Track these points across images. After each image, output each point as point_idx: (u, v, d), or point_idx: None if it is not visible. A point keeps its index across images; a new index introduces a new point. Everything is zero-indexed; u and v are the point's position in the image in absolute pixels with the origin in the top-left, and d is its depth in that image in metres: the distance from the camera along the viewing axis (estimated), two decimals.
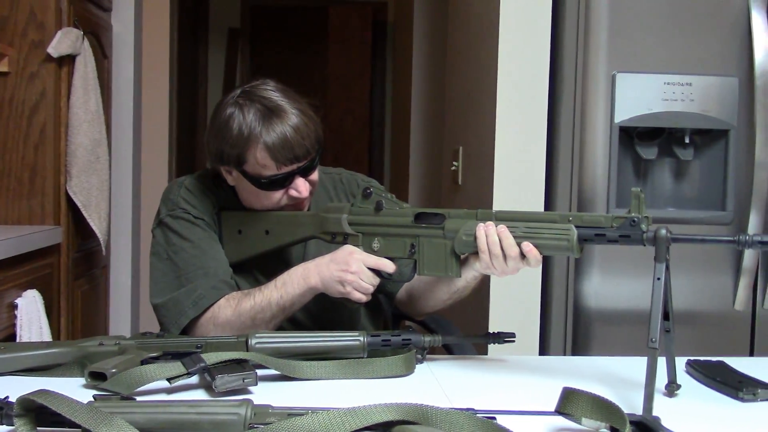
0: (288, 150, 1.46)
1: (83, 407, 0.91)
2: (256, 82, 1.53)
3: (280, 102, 1.49)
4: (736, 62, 2.00)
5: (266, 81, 1.54)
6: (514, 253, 1.28)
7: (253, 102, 1.48)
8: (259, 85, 1.52)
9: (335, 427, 0.91)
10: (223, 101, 1.53)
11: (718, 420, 1.14)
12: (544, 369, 1.41)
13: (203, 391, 1.20)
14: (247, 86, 1.53)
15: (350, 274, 1.39)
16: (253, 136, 1.46)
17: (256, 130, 1.46)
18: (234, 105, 1.49)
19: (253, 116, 1.47)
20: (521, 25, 2.09)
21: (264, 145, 1.45)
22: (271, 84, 1.53)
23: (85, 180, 2.74)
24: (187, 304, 1.47)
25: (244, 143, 1.47)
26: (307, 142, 1.48)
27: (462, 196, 2.54)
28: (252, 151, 1.47)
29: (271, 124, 1.46)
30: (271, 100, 1.48)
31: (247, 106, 1.48)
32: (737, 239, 1.13)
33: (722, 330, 2.03)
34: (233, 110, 1.49)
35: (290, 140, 1.46)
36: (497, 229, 1.29)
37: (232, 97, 1.51)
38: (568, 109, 2.06)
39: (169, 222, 1.55)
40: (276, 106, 1.48)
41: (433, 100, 3.53)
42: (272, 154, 1.46)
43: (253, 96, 1.49)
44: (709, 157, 2.04)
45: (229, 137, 1.48)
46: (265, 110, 1.47)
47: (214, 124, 1.52)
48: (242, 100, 1.49)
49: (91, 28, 2.93)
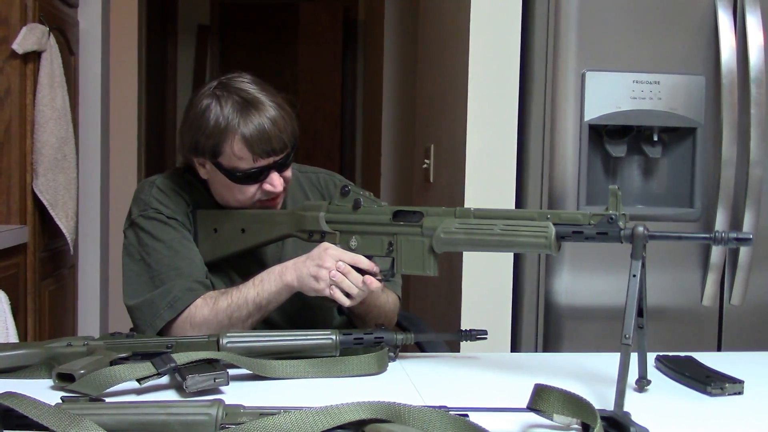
0: (265, 142, 1.45)
1: (51, 409, 0.90)
2: (232, 75, 1.52)
3: (258, 95, 1.48)
4: (703, 61, 2.02)
5: (242, 74, 1.53)
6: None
7: (230, 94, 1.47)
8: (236, 78, 1.51)
9: (307, 426, 0.90)
10: (199, 92, 1.52)
11: (687, 414, 1.16)
12: (515, 366, 1.42)
13: (174, 392, 1.19)
14: (224, 78, 1.52)
15: (324, 269, 1.38)
16: (231, 127, 1.45)
17: (234, 121, 1.45)
18: (211, 96, 1.48)
19: (230, 108, 1.46)
20: (492, 23, 2.09)
21: (241, 136, 1.45)
22: (247, 77, 1.52)
23: (51, 178, 2.70)
24: (162, 306, 1.45)
25: (220, 134, 1.45)
26: (284, 135, 1.48)
27: (433, 194, 2.55)
28: (229, 143, 1.45)
29: (248, 116, 1.45)
30: (248, 93, 1.48)
31: (225, 97, 1.47)
32: (713, 236, 1.14)
33: (690, 325, 2.06)
34: (210, 101, 1.48)
35: (268, 132, 1.45)
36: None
37: (209, 88, 1.50)
38: (539, 108, 2.07)
39: (141, 222, 1.53)
40: (253, 98, 1.47)
41: (404, 98, 3.54)
42: (249, 146, 1.45)
43: (230, 88, 1.48)
44: (677, 154, 2.07)
45: (206, 128, 1.47)
46: (242, 102, 1.46)
47: (189, 116, 1.51)
48: (219, 91, 1.48)
49: (56, 24, 2.88)
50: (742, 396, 1.24)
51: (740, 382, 1.26)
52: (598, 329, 2.01)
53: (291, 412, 0.91)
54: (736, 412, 1.17)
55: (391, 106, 3.74)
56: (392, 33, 3.69)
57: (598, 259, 2.01)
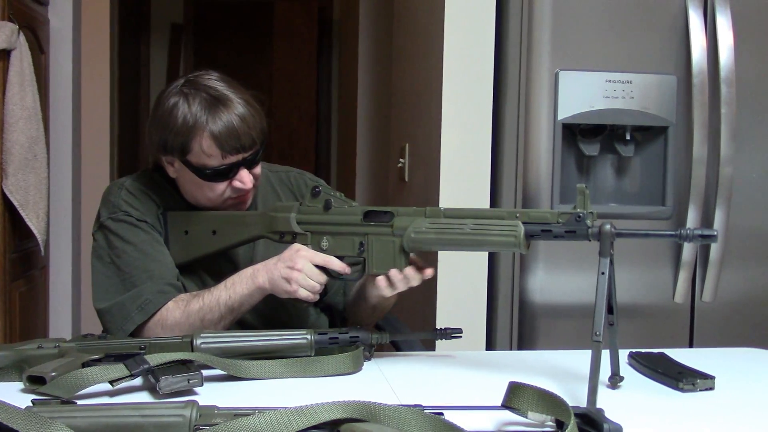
0: (234, 139, 1.45)
1: (21, 412, 0.89)
2: (199, 72, 1.52)
3: (226, 92, 1.47)
4: (675, 61, 2.05)
5: (209, 71, 1.52)
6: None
7: (198, 91, 1.46)
8: (203, 75, 1.50)
9: (282, 426, 0.90)
10: (166, 91, 1.50)
11: (660, 410, 1.17)
12: (490, 364, 1.43)
13: (147, 394, 1.18)
14: (191, 75, 1.51)
15: (296, 271, 1.38)
16: (199, 124, 1.44)
17: (202, 119, 1.44)
18: (178, 94, 1.47)
19: (198, 105, 1.45)
20: (466, 23, 2.10)
21: (210, 133, 1.44)
22: (214, 74, 1.51)
23: (22, 178, 2.67)
24: (133, 309, 1.44)
25: (188, 132, 1.45)
26: (253, 132, 1.47)
27: (409, 193, 2.55)
28: (197, 140, 1.45)
29: (217, 113, 1.44)
30: (216, 90, 1.47)
31: (192, 95, 1.46)
32: (679, 233, 1.16)
33: (663, 322, 2.08)
34: (177, 99, 1.46)
35: (236, 129, 1.44)
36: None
37: (176, 86, 1.49)
38: (513, 106, 2.09)
39: (111, 225, 1.51)
40: (221, 95, 1.46)
41: (379, 97, 3.54)
42: (218, 143, 1.44)
43: (198, 85, 1.47)
44: (649, 153, 2.09)
45: (174, 126, 1.46)
46: (210, 99, 1.45)
47: (157, 114, 1.49)
48: (187, 89, 1.47)
49: (27, 22, 2.84)
50: (713, 391, 1.26)
51: (711, 377, 1.27)
52: (572, 327, 2.02)
53: (266, 413, 0.91)
54: (708, 408, 1.19)
55: (366, 105, 3.74)
56: (367, 32, 3.69)
57: (572, 258, 2.02)
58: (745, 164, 2.07)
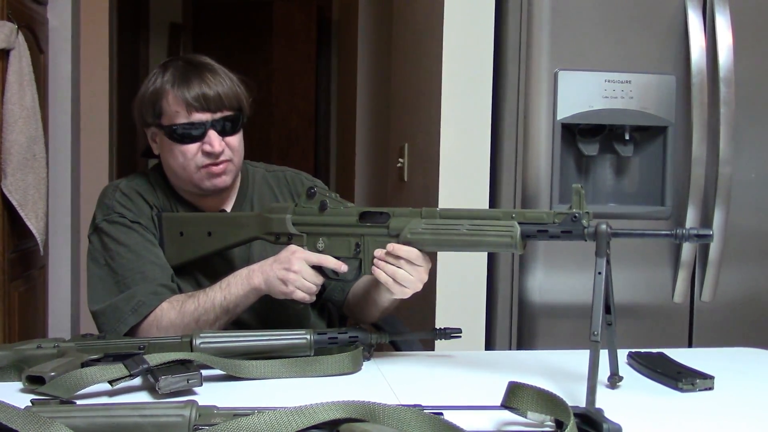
0: (200, 95, 1.47)
1: (20, 412, 0.89)
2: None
3: (205, 60, 1.54)
4: (674, 61, 2.05)
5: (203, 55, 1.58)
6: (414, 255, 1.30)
7: (176, 61, 1.53)
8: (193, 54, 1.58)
9: (281, 426, 0.90)
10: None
11: (659, 410, 1.17)
12: (490, 364, 1.43)
13: (146, 393, 1.18)
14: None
15: (292, 273, 1.38)
16: (167, 83, 1.49)
17: (171, 79, 1.49)
18: (158, 67, 1.54)
19: (172, 71, 1.50)
20: (465, 23, 2.10)
21: (176, 88, 1.48)
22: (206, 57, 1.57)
23: (20, 178, 2.67)
24: (127, 311, 1.44)
25: (158, 93, 1.49)
26: (223, 94, 1.49)
27: (408, 193, 2.55)
28: (166, 98, 1.49)
29: (186, 73, 1.49)
30: (195, 58, 1.53)
31: (169, 64, 1.53)
32: (675, 233, 1.16)
33: (662, 322, 2.09)
34: (156, 70, 1.53)
35: (203, 86, 1.48)
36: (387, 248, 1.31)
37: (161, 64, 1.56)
38: (512, 107, 2.09)
39: (105, 227, 1.52)
40: (198, 62, 1.53)
41: (378, 97, 3.53)
42: (182, 95, 1.47)
43: (180, 58, 1.54)
44: (648, 153, 2.09)
45: (147, 92, 1.51)
46: (185, 65, 1.51)
47: (140, 92, 1.55)
48: (167, 62, 1.54)
49: (25, 21, 2.84)
50: (712, 391, 1.26)
51: (710, 377, 1.27)
52: (571, 327, 2.02)
53: (265, 413, 0.91)
54: (707, 407, 1.19)
55: (365, 105, 3.74)
56: (366, 32, 3.69)
57: (571, 258, 2.02)
58: (744, 164, 2.08)
